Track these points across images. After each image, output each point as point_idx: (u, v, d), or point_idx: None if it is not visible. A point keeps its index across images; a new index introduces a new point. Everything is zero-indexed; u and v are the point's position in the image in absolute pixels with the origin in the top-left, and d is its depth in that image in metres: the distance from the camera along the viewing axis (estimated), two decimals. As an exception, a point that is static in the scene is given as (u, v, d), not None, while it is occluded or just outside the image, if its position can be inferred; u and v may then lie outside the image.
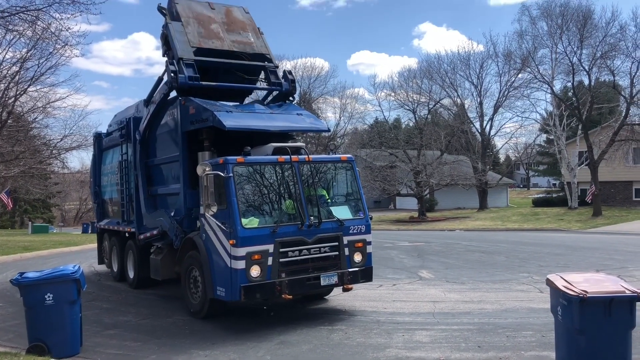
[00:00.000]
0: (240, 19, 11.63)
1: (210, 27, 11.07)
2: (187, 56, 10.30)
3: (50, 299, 7.40)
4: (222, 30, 11.11)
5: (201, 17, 11.09)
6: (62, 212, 68.89)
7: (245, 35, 11.41)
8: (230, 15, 11.57)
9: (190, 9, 11.12)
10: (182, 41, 10.50)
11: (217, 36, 10.98)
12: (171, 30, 10.61)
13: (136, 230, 11.99)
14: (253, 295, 8.39)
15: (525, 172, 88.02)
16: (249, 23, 11.68)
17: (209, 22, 11.12)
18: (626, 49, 34.04)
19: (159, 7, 11.07)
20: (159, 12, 11.06)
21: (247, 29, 11.56)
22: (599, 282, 5.67)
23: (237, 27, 11.41)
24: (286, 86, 11.30)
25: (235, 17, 11.59)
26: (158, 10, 11.05)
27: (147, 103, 11.64)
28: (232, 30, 11.28)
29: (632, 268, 13.84)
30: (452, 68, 46.30)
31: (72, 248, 25.97)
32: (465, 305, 10.02)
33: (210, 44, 10.80)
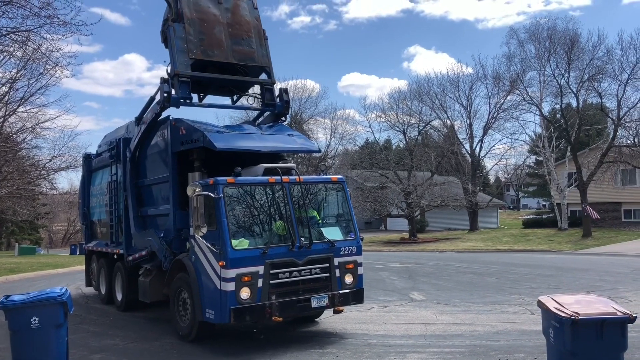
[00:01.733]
0: (247, 19, 10.88)
1: (214, 31, 10.40)
2: (184, 71, 9.93)
3: (36, 322, 7.26)
4: (225, 35, 10.49)
5: (206, 16, 10.39)
6: (49, 233, 68.23)
7: (248, 41, 10.76)
8: (237, 12, 10.80)
9: (196, 4, 10.39)
10: (181, 50, 10.00)
11: (219, 44, 10.39)
12: (171, 34, 10.08)
13: (125, 252, 11.86)
14: (243, 317, 8.29)
15: (515, 193, 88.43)
16: (254, 24, 10.95)
17: (213, 24, 10.43)
18: (613, 71, 34.57)
19: None
20: (165, 1, 10.49)
21: (252, 32, 10.85)
22: (591, 304, 5.66)
23: (241, 31, 10.73)
24: (280, 107, 11.07)
25: (241, 17, 10.83)
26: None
27: (138, 122, 11.58)
28: (236, 35, 10.62)
29: (622, 289, 13.85)
30: (442, 90, 46.69)
31: (60, 270, 25.65)
32: (457, 328, 9.96)
33: (211, 55, 10.29)
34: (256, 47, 10.75)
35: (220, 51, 10.35)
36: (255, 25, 10.93)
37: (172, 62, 10.04)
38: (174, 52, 9.96)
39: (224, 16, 10.51)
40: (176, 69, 9.89)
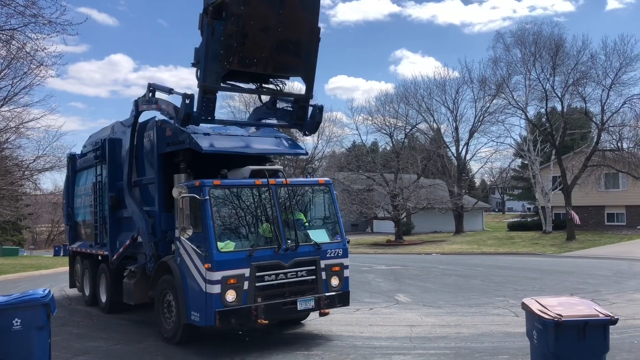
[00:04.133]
0: (303, 14, 8.93)
1: (259, 32, 8.65)
2: (213, 85, 8.60)
3: (18, 324, 7.17)
4: (272, 38, 8.74)
5: (255, 10, 8.45)
6: (33, 234, 67.48)
7: (296, 47, 9.06)
8: (294, 4, 8.75)
9: None
10: (215, 57, 8.36)
11: (260, 50, 8.75)
12: (209, 35, 8.27)
13: (109, 253, 11.77)
14: (228, 320, 8.26)
15: (500, 196, 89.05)
16: (310, 21, 9.05)
17: (260, 22, 8.59)
18: (597, 76, 35.00)
19: None
20: None
21: (304, 33, 9.03)
22: (574, 306, 5.72)
23: (292, 32, 8.90)
24: (308, 127, 10.01)
25: (298, 12, 8.84)
26: None
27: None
28: (284, 39, 8.86)
29: (605, 292, 14.01)
30: (429, 93, 46.94)
31: (43, 271, 25.38)
32: (442, 330, 10.00)
33: (249, 64, 8.77)
34: (304, 54, 9.17)
35: (259, 59, 8.83)
36: (311, 22, 9.08)
37: (202, 69, 8.49)
38: (208, 58, 8.35)
39: (276, 10, 8.60)
40: (205, 82, 8.49)
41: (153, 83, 10.29)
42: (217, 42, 8.29)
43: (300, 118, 9.81)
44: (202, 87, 8.52)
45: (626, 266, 20.53)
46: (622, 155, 34.78)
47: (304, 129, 10.12)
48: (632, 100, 34.37)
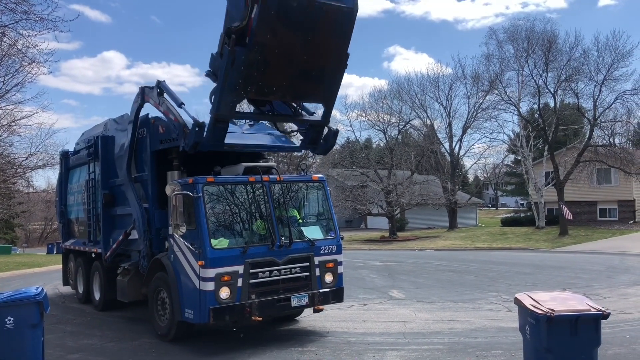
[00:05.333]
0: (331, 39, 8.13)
1: (282, 60, 7.97)
2: (227, 114, 8.24)
3: (10, 322, 7.14)
4: (295, 66, 8.14)
5: (281, 39, 7.71)
6: (26, 232, 67.14)
7: (319, 74, 8.42)
8: (323, 28, 7.92)
9: (275, 20, 7.55)
10: (233, 87, 7.83)
11: (281, 79, 8.21)
12: (228, 63, 7.63)
13: (102, 251, 11.73)
14: (222, 317, 8.26)
15: (493, 192, 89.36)
16: (337, 45, 8.29)
17: (285, 50, 7.86)
18: (589, 72, 35.20)
19: None
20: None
21: (330, 58, 8.35)
22: (566, 301, 5.76)
23: (317, 58, 8.19)
24: (321, 149, 9.77)
25: (326, 37, 8.04)
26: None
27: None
28: (308, 66, 8.22)
29: (597, 286, 14.10)
30: (422, 89, 47.01)
31: (36, 269, 25.28)
32: (436, 325, 10.05)
33: (267, 93, 8.37)
34: (327, 80, 8.63)
35: (279, 88, 8.37)
36: (341, 48, 8.38)
37: (216, 98, 8.00)
38: (225, 88, 7.84)
39: (305, 37, 7.90)
40: (218, 112, 8.05)
41: (163, 83, 9.45)
42: (236, 71, 7.70)
43: (314, 142, 9.58)
44: (215, 117, 8.08)
45: (618, 261, 20.67)
46: (614, 150, 35.00)
47: (316, 151, 10.01)
48: (624, 96, 34.64)
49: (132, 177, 10.65)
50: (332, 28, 7.99)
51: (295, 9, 7.47)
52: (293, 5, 7.43)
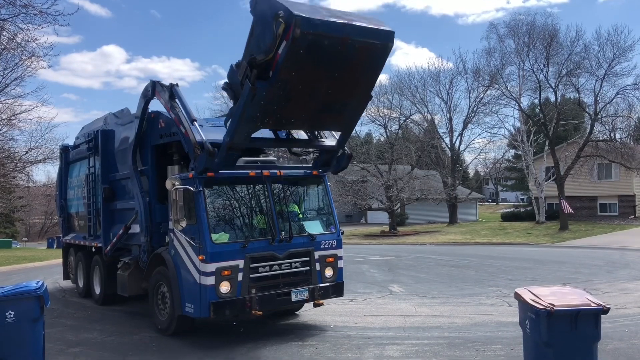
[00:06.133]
0: (356, 74, 7.64)
1: (305, 96, 7.58)
2: (241, 143, 8.01)
3: (11, 316, 7.15)
4: (317, 101, 7.73)
5: (306, 76, 7.28)
6: (26, 226, 67.13)
7: (341, 106, 8.02)
8: (354, 65, 7.46)
9: (307, 54, 6.97)
10: (250, 119, 7.50)
11: (301, 111, 7.84)
12: (247, 97, 7.21)
13: (103, 245, 11.74)
14: (223, 311, 8.27)
15: (494, 187, 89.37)
16: (367, 80, 8.00)
17: (310, 86, 7.48)
18: (590, 67, 35.06)
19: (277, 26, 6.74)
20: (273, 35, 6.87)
21: (357, 91, 7.95)
22: (566, 296, 5.75)
23: (342, 95, 7.80)
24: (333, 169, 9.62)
25: (356, 71, 7.57)
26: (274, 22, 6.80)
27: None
28: (332, 101, 7.80)
29: (597, 281, 14.11)
30: (423, 84, 46.89)
31: (36, 263, 25.30)
32: (436, 320, 10.06)
33: (284, 124, 8.15)
34: (349, 111, 8.32)
35: (297, 120, 8.15)
36: (369, 83, 8.12)
37: (232, 128, 7.76)
38: (242, 120, 7.55)
39: (331, 72, 7.42)
40: (233, 141, 7.84)
41: (176, 88, 9.16)
42: (255, 105, 7.33)
43: (327, 163, 9.48)
44: (228, 145, 7.90)
45: (618, 256, 20.68)
46: (615, 145, 34.93)
47: (328, 171, 9.87)
48: (625, 91, 34.52)
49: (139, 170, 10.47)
50: (363, 64, 7.58)
51: (326, 46, 7.01)
52: (324, 43, 6.96)
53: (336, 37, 6.95)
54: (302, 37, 6.64)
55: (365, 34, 7.21)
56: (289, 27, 6.60)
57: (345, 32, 7.00)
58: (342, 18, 7.10)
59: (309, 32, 6.70)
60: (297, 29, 6.58)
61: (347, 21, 7.06)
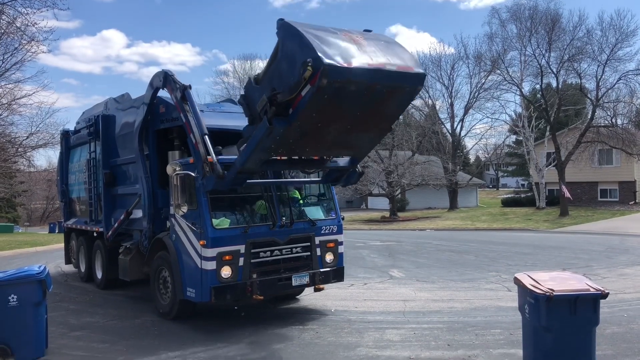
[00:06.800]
0: (379, 114, 7.40)
1: (323, 132, 7.30)
2: (253, 168, 7.80)
3: (14, 300, 7.21)
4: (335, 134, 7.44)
5: (327, 116, 6.93)
6: (27, 211, 67.30)
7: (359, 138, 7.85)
8: (379, 107, 7.18)
9: (331, 99, 6.61)
10: (265, 149, 7.30)
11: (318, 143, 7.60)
12: (262, 135, 6.99)
13: (104, 230, 11.79)
14: (224, 296, 8.32)
15: (494, 173, 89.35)
16: (390, 116, 7.76)
17: (331, 124, 7.17)
18: (592, 52, 34.85)
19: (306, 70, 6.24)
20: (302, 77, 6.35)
21: (380, 126, 7.84)
22: (565, 281, 5.79)
23: (362, 130, 7.57)
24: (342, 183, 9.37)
25: (378, 113, 7.35)
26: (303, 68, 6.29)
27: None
28: (351, 134, 7.59)
29: (596, 267, 14.17)
30: (424, 69, 46.56)
31: (38, 248, 25.42)
32: (435, 304, 10.12)
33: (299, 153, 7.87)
34: (366, 142, 8.21)
35: (312, 150, 7.92)
36: (391, 118, 7.83)
37: (244, 155, 7.53)
38: (257, 149, 7.28)
39: (353, 112, 7.12)
40: (244, 167, 7.67)
41: (189, 91, 8.84)
42: (271, 139, 7.07)
43: (336, 180, 9.26)
44: (239, 170, 7.72)
45: (618, 241, 20.74)
46: (616, 131, 34.85)
47: (336, 184, 9.69)
48: (627, 76, 34.34)
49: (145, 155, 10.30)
50: (388, 105, 7.28)
51: (352, 91, 6.65)
52: (351, 88, 6.60)
53: (364, 82, 6.65)
54: (329, 85, 6.34)
55: (395, 79, 6.93)
56: (315, 74, 6.23)
57: (375, 78, 6.69)
58: (374, 58, 6.73)
59: (337, 80, 6.37)
60: (325, 79, 6.24)
61: (378, 66, 6.69)
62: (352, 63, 6.44)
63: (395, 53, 7.12)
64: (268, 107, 6.78)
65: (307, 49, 6.25)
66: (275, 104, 6.72)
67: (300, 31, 6.39)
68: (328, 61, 6.18)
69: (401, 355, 7.07)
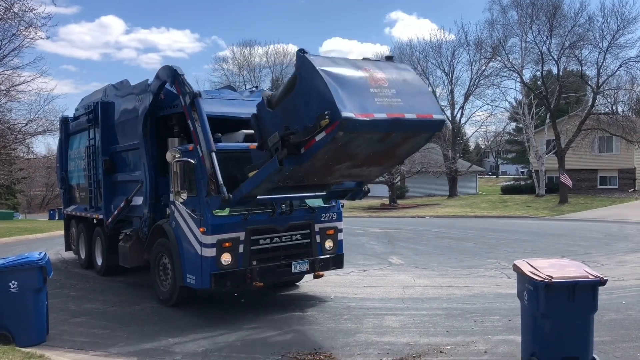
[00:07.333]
0: (393, 155, 7.45)
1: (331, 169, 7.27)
2: (259, 194, 7.90)
3: (14, 286, 7.24)
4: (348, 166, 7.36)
5: (339, 156, 6.85)
6: (27, 198, 67.33)
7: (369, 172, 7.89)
8: (394, 149, 7.20)
9: (345, 145, 6.53)
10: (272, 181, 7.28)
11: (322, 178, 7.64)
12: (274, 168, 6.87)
13: (104, 217, 11.80)
14: (224, 282, 8.35)
15: (494, 160, 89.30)
16: (404, 156, 7.76)
17: (342, 162, 7.11)
18: (594, 39, 34.73)
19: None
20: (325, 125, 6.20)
21: (388, 165, 7.96)
22: (564, 268, 5.80)
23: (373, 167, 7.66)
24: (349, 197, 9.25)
25: (392, 154, 7.39)
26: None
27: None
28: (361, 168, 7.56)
29: (595, 254, 14.22)
30: (424, 56, 46.51)
31: (38, 235, 25.46)
32: (434, 291, 10.16)
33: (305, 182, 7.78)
34: (374, 173, 8.30)
35: (320, 179, 7.78)
36: (406, 155, 7.82)
37: (252, 184, 7.47)
38: (266, 181, 7.26)
39: (368, 153, 7.00)
40: (251, 193, 7.68)
41: (198, 100, 8.51)
42: (280, 174, 7.05)
43: (341, 196, 9.29)
44: (245, 195, 7.67)
45: (617, 229, 20.79)
46: (617, 118, 34.80)
47: (342, 200, 9.64)
48: (628, 63, 34.28)
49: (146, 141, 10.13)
50: (402, 148, 7.25)
51: (367, 139, 6.57)
52: (366, 137, 6.52)
53: (381, 132, 6.54)
54: (344, 136, 6.24)
55: (414, 127, 6.81)
56: (331, 125, 6.09)
57: (393, 128, 6.55)
58: (394, 105, 6.54)
59: (353, 132, 6.24)
60: (341, 132, 6.11)
61: (397, 116, 6.51)
62: (370, 114, 6.26)
63: (416, 95, 6.97)
64: (280, 146, 6.64)
65: (326, 97, 6.12)
66: (287, 146, 6.57)
67: (321, 74, 6.20)
68: (346, 114, 6.01)
69: (400, 342, 7.11)
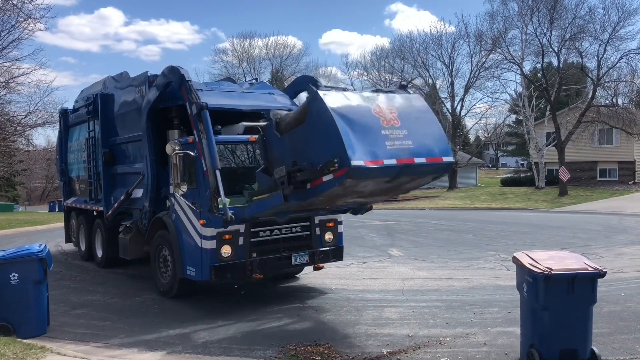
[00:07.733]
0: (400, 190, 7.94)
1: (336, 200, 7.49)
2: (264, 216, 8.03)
3: (15, 278, 7.26)
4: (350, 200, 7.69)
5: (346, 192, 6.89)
6: (27, 190, 67.36)
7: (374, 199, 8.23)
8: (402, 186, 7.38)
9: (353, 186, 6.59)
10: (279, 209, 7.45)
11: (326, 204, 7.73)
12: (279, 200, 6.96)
13: (104, 209, 11.80)
14: (224, 274, 8.36)
15: (494, 152, 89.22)
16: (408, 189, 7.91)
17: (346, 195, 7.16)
18: (594, 31, 34.62)
19: None
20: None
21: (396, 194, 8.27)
22: (563, 260, 5.81)
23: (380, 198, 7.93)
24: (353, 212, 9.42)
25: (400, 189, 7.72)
26: None
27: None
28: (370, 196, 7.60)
29: (595, 246, 14.24)
30: (424, 48, 46.28)
31: (38, 227, 25.49)
32: (434, 283, 10.19)
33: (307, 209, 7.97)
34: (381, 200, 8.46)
35: (324, 206, 8.00)
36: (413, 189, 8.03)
37: (258, 208, 7.59)
38: (268, 209, 7.49)
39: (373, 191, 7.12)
40: (250, 216, 7.93)
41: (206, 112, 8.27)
42: (284, 207, 7.20)
43: (344, 212, 9.40)
44: (248, 219, 7.92)
45: (616, 221, 20.81)
46: (617, 111, 34.74)
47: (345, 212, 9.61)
48: (628, 55, 34.21)
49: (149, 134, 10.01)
50: (409, 185, 7.35)
51: (375, 181, 6.57)
52: (374, 180, 6.51)
53: (390, 177, 6.56)
54: (352, 181, 6.24)
55: (422, 170, 6.84)
56: (340, 170, 6.09)
57: (402, 172, 6.56)
58: (404, 147, 6.53)
59: (361, 178, 6.24)
60: (350, 179, 6.12)
61: (407, 162, 6.51)
62: (380, 161, 6.24)
63: (428, 134, 6.98)
64: (286, 182, 6.64)
65: (336, 141, 6.09)
66: (293, 182, 6.58)
67: (332, 115, 6.16)
68: (355, 163, 5.98)
69: (400, 333, 7.14)
